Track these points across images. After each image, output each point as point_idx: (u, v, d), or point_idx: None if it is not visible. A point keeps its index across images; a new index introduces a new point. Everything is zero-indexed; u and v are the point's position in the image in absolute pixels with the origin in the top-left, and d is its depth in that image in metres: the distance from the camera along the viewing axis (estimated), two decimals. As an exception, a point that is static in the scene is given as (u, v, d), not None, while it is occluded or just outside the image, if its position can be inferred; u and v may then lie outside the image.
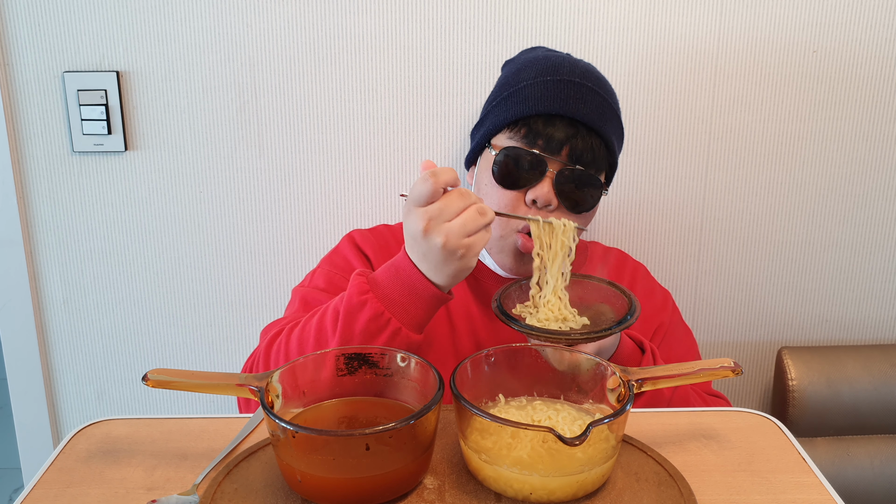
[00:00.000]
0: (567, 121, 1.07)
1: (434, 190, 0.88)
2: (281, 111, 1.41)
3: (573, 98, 1.07)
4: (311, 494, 0.76)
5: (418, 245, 0.91)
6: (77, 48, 1.37)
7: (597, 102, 1.09)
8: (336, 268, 1.17)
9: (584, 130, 1.07)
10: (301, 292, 1.16)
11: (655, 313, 1.22)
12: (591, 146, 1.07)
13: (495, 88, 1.17)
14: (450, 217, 0.89)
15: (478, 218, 0.90)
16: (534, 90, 1.09)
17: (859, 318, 1.56)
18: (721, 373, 0.84)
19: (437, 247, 0.89)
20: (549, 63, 1.11)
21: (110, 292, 1.50)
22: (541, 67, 1.11)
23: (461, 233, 0.89)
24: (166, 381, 0.80)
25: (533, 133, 1.07)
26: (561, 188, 1.07)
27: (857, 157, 1.46)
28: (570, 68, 1.11)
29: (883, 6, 1.38)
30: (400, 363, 0.86)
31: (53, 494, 0.80)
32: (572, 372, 0.89)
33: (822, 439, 1.47)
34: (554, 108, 1.07)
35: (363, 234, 1.23)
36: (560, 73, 1.09)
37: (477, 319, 1.18)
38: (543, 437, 0.75)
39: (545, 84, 1.08)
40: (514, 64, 1.18)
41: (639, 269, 1.28)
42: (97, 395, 1.55)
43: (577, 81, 1.09)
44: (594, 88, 1.09)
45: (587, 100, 1.08)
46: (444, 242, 0.89)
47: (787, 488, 0.81)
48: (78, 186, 1.44)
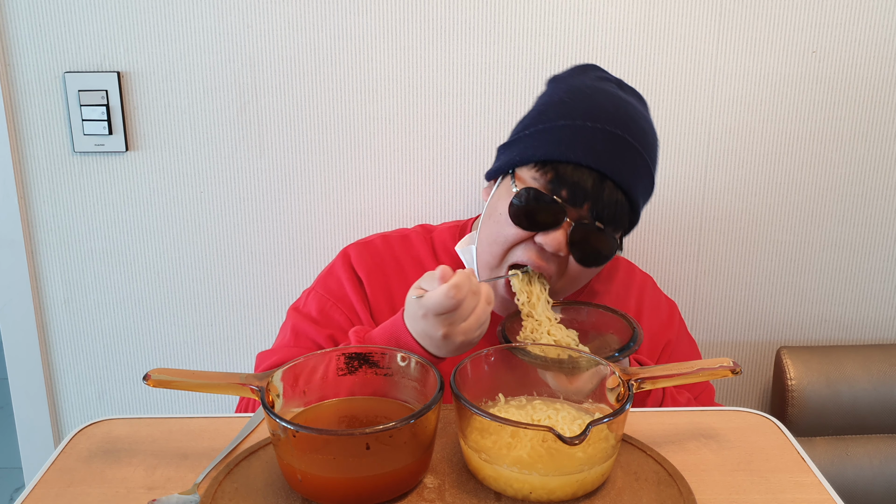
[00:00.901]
0: (597, 174, 1.00)
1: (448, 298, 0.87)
2: (281, 111, 1.41)
3: (609, 152, 1.01)
4: (312, 494, 0.76)
5: (433, 341, 0.92)
6: (78, 48, 1.37)
7: (633, 160, 1.02)
8: (329, 293, 1.16)
9: (612, 187, 1.01)
10: (293, 320, 1.16)
11: (663, 330, 1.21)
12: (616, 203, 1.01)
13: (534, 111, 1.09)
14: (468, 323, 0.90)
15: (487, 309, 0.92)
16: (570, 134, 1.01)
17: (858, 318, 1.56)
18: (720, 372, 0.84)
19: (454, 344, 0.91)
20: (594, 103, 1.03)
21: (111, 292, 1.50)
22: (584, 107, 1.03)
23: (473, 330, 0.90)
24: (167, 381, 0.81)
25: (559, 180, 1.01)
26: (574, 241, 1.02)
27: (857, 157, 1.46)
28: (614, 114, 1.02)
29: (883, 6, 1.38)
30: (400, 363, 0.87)
31: (54, 494, 0.80)
32: (575, 396, 0.89)
33: (821, 439, 1.47)
34: (586, 160, 1.00)
35: (358, 250, 1.20)
36: (602, 120, 1.01)
37: None
38: (543, 436, 0.75)
39: (583, 131, 1.01)
40: (559, 89, 1.09)
41: (647, 281, 1.26)
42: (98, 395, 1.55)
43: (618, 134, 1.01)
44: (633, 144, 1.02)
45: (624, 157, 1.01)
46: (464, 341, 0.91)
47: (787, 488, 0.81)
48: (79, 186, 1.44)
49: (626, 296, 1.22)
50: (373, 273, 1.16)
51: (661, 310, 1.24)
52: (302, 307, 1.17)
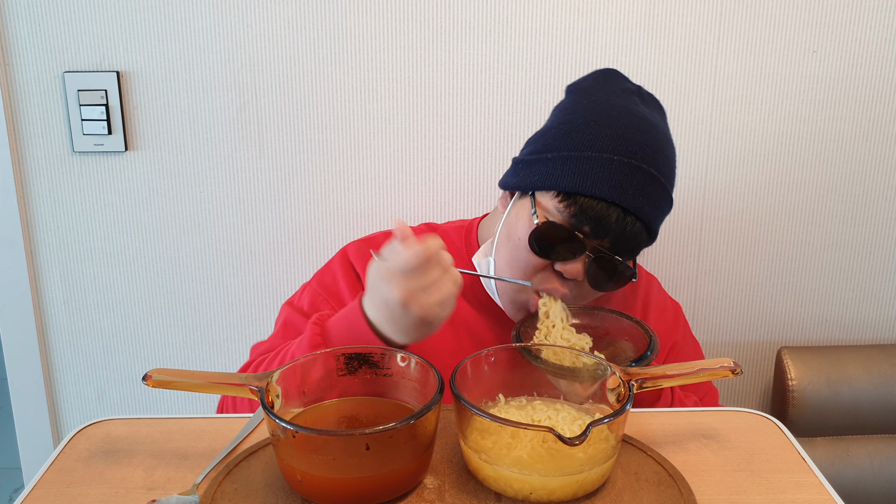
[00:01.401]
0: (621, 209, 1.00)
1: (421, 263, 0.87)
2: (281, 111, 1.41)
3: (635, 188, 1.00)
4: (312, 494, 0.76)
5: (391, 311, 0.90)
6: (77, 48, 1.37)
7: (658, 194, 1.02)
8: (323, 288, 1.16)
9: (634, 221, 1.01)
10: (286, 313, 1.16)
11: (669, 332, 1.21)
12: (637, 236, 1.02)
13: (557, 131, 1.06)
14: (429, 291, 0.88)
15: (452, 288, 0.90)
16: (595, 167, 1.00)
17: (859, 318, 1.56)
18: (721, 373, 0.84)
19: (413, 317, 0.89)
20: (620, 132, 1.01)
21: (110, 292, 1.50)
22: (611, 136, 1.01)
23: (435, 302, 0.88)
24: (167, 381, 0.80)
25: (583, 214, 1.00)
26: (591, 270, 1.03)
27: (857, 157, 1.46)
28: (641, 144, 1.01)
29: (883, 6, 1.38)
30: (400, 363, 0.86)
31: (54, 494, 0.80)
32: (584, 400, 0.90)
33: (821, 439, 1.47)
34: (611, 196, 0.99)
35: (358, 246, 1.19)
36: (629, 153, 1.00)
37: (475, 322, 1.17)
38: (543, 436, 0.75)
39: (610, 165, 1.00)
40: (582, 107, 1.06)
41: (652, 282, 1.26)
42: (97, 395, 1.55)
43: (644, 168, 1.00)
44: (659, 178, 1.02)
45: (649, 191, 1.01)
46: (423, 316, 0.88)
47: (787, 488, 0.81)
48: (78, 186, 1.44)
49: (632, 297, 1.22)
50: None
51: (666, 311, 1.24)
52: (296, 301, 1.18)
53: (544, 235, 1.02)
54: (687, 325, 1.26)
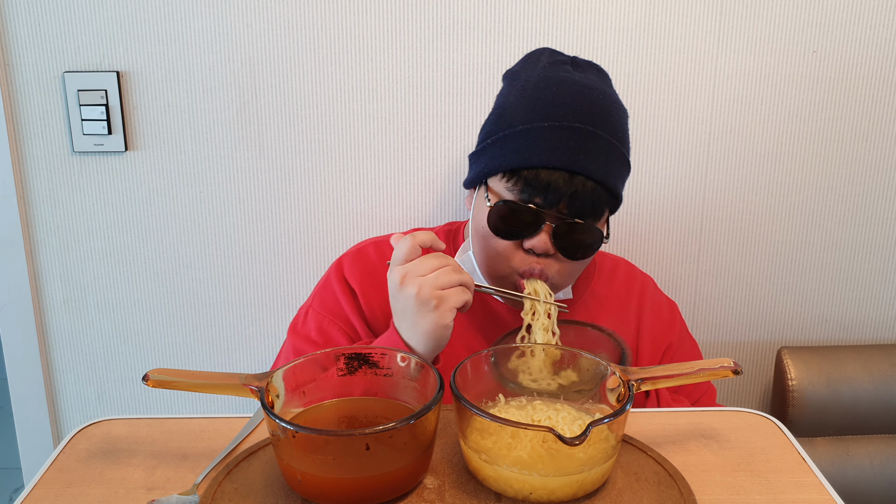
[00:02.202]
0: (567, 172, 0.99)
1: (411, 247, 0.95)
2: (281, 111, 1.41)
3: (574, 148, 0.99)
4: (312, 494, 0.76)
5: (396, 300, 0.97)
6: (77, 48, 1.37)
7: (601, 148, 1.01)
8: (326, 310, 1.17)
9: (585, 180, 1.00)
10: (293, 341, 1.16)
11: (664, 333, 1.21)
12: (592, 196, 1.01)
13: (493, 115, 1.08)
14: (425, 272, 0.94)
15: (451, 274, 0.94)
16: (531, 139, 1.00)
17: (859, 318, 1.56)
18: (721, 373, 0.84)
19: (410, 297, 0.94)
20: (549, 99, 1.01)
21: (110, 292, 1.50)
22: (540, 106, 1.01)
23: (434, 284, 0.93)
24: (167, 381, 0.81)
25: (529, 187, 1.01)
26: (558, 238, 1.02)
27: (857, 157, 1.46)
28: (571, 105, 1.00)
29: (883, 6, 1.38)
30: (400, 363, 0.87)
31: (53, 494, 0.80)
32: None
33: (821, 439, 1.47)
34: (551, 161, 0.99)
35: (350, 261, 1.20)
36: (560, 116, 1.00)
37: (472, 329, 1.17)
38: (543, 436, 0.75)
39: (543, 132, 1.00)
40: (513, 87, 1.08)
41: (647, 282, 1.26)
42: (97, 395, 1.55)
43: (579, 127, 0.99)
44: (597, 133, 1.00)
45: (590, 148, 1.00)
46: (418, 292, 0.93)
47: (787, 488, 0.81)
48: (78, 186, 1.44)
49: (627, 298, 1.22)
50: (366, 283, 1.16)
51: (662, 311, 1.23)
52: (300, 327, 1.17)
53: (500, 216, 1.04)
54: (684, 324, 1.26)
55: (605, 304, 1.20)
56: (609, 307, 1.20)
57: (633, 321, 1.20)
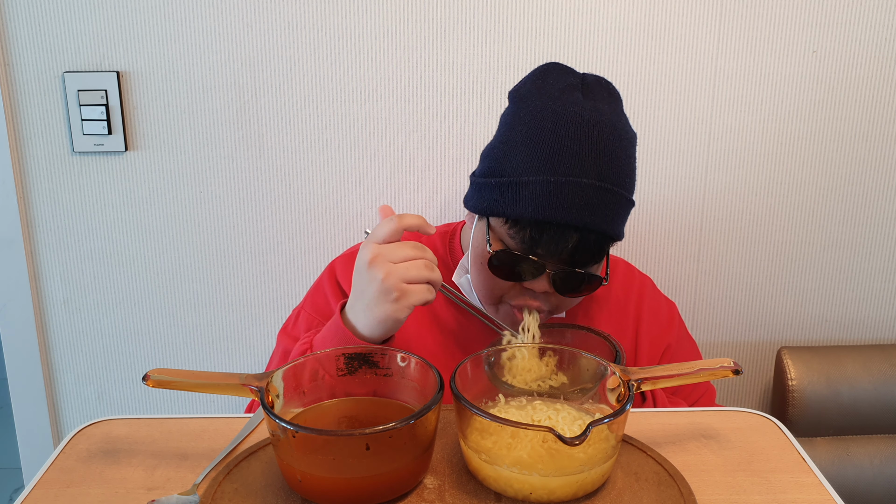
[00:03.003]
0: (570, 227, 0.97)
1: (394, 229, 0.93)
2: (281, 111, 1.41)
3: (580, 205, 0.96)
4: (312, 494, 0.76)
5: (360, 277, 0.94)
6: (77, 48, 1.37)
7: (608, 203, 0.98)
8: (318, 313, 1.16)
9: (587, 234, 0.98)
10: (283, 344, 1.15)
11: (663, 333, 1.21)
12: (595, 248, 1.00)
13: (498, 147, 1.04)
14: (397, 259, 0.92)
15: (422, 269, 0.92)
16: (536, 192, 0.97)
17: (859, 318, 1.56)
18: (721, 373, 0.84)
19: (376, 280, 0.92)
20: (556, 147, 0.97)
21: (110, 292, 1.50)
22: (546, 154, 0.97)
23: (402, 276, 0.91)
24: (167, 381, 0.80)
25: (532, 240, 0.99)
26: (558, 284, 1.01)
27: (857, 157, 1.46)
28: (578, 155, 0.96)
29: (883, 6, 1.38)
30: (400, 363, 0.87)
31: (53, 494, 0.80)
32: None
33: (821, 439, 1.47)
34: (557, 217, 0.96)
35: (343, 264, 1.19)
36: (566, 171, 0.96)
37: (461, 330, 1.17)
38: (543, 436, 0.75)
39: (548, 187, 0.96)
40: (519, 116, 1.02)
41: (645, 283, 1.26)
42: (97, 395, 1.55)
43: (586, 183, 0.96)
44: (606, 187, 0.97)
45: (596, 204, 0.97)
46: (384, 278, 0.91)
47: (787, 488, 0.81)
48: (78, 186, 1.44)
49: (625, 299, 1.21)
50: None
51: (660, 312, 1.23)
52: (291, 329, 1.17)
53: (502, 263, 1.02)
54: (683, 325, 1.26)
55: (603, 306, 1.20)
56: (607, 309, 1.20)
57: (631, 322, 1.20)
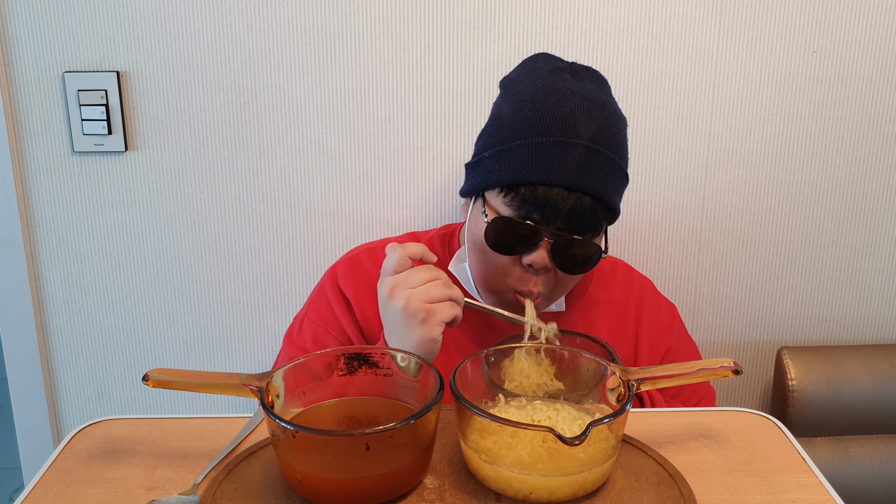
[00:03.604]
0: (564, 188, 0.98)
1: (401, 258, 0.95)
2: (281, 111, 1.41)
3: (572, 166, 0.97)
4: (312, 494, 0.76)
5: (385, 311, 0.96)
6: (77, 48, 1.37)
7: (600, 165, 0.99)
8: (321, 319, 1.16)
9: (582, 197, 0.98)
10: (290, 352, 1.15)
11: (663, 336, 1.21)
12: (589, 212, 0.99)
13: (490, 127, 1.06)
14: (415, 284, 0.93)
15: (442, 288, 0.94)
16: (528, 154, 0.98)
17: (859, 318, 1.56)
18: (721, 373, 0.84)
19: (398, 309, 0.93)
20: (547, 112, 0.99)
21: (110, 292, 1.50)
22: (537, 119, 0.99)
23: (423, 297, 0.93)
24: (167, 381, 0.81)
25: (528, 204, 0.99)
26: (556, 254, 1.01)
27: (857, 157, 1.46)
28: (569, 119, 0.98)
29: (883, 6, 1.38)
30: (400, 363, 0.87)
31: (53, 494, 0.80)
32: None
33: (821, 439, 1.47)
34: (550, 178, 0.97)
35: (344, 269, 1.19)
36: (558, 132, 0.97)
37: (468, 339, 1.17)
38: (543, 436, 0.75)
39: (541, 148, 0.97)
40: (510, 97, 1.05)
41: (646, 284, 1.25)
42: (97, 395, 1.55)
43: (577, 143, 0.97)
44: (597, 149, 0.98)
45: (588, 165, 0.98)
46: (405, 305, 0.93)
47: (787, 488, 0.81)
48: (78, 186, 1.44)
49: (625, 301, 1.21)
50: (360, 291, 1.16)
51: (661, 314, 1.23)
52: (296, 337, 1.17)
53: (497, 232, 1.02)
54: (683, 327, 1.26)
55: (602, 309, 1.19)
56: (607, 312, 1.20)
57: (631, 325, 1.20)
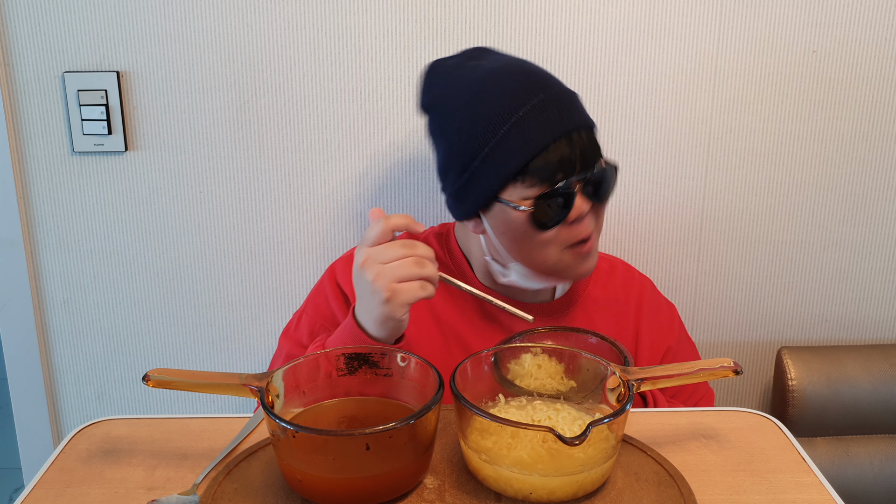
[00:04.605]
0: (565, 137, 1.01)
1: (382, 230, 0.94)
2: (281, 111, 1.41)
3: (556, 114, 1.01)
4: (312, 494, 0.76)
5: (356, 281, 0.97)
6: (77, 48, 1.37)
7: (573, 100, 1.04)
8: (320, 316, 1.17)
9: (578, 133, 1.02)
10: (287, 347, 1.16)
11: (663, 336, 1.21)
12: (591, 141, 1.03)
13: (456, 141, 1.04)
14: (386, 260, 0.93)
15: (411, 267, 0.93)
16: (522, 130, 1.00)
17: (859, 318, 1.56)
18: (721, 373, 0.84)
19: (366, 282, 0.94)
20: (508, 89, 1.02)
21: (110, 292, 1.50)
22: (506, 99, 1.01)
23: (391, 276, 0.92)
24: (167, 381, 0.81)
25: (546, 171, 1.00)
26: (591, 196, 1.03)
27: (857, 157, 1.46)
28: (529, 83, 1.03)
29: (883, 6, 1.38)
30: (400, 363, 0.87)
31: (53, 494, 0.80)
32: None
33: (821, 439, 1.47)
34: (549, 137, 1.00)
35: (343, 267, 1.19)
36: (532, 94, 1.01)
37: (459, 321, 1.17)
38: (543, 436, 0.75)
39: (527, 118, 1.00)
40: (458, 106, 1.05)
41: (645, 284, 1.25)
42: (97, 395, 1.55)
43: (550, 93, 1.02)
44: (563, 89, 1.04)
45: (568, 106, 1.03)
46: (373, 280, 0.93)
47: (787, 488, 0.81)
48: (78, 186, 1.44)
49: (625, 299, 1.21)
50: None
51: (661, 313, 1.23)
52: (293, 332, 1.17)
53: (543, 212, 1.02)
54: (683, 326, 1.26)
55: (602, 307, 1.19)
56: (607, 310, 1.20)
57: (631, 324, 1.20)
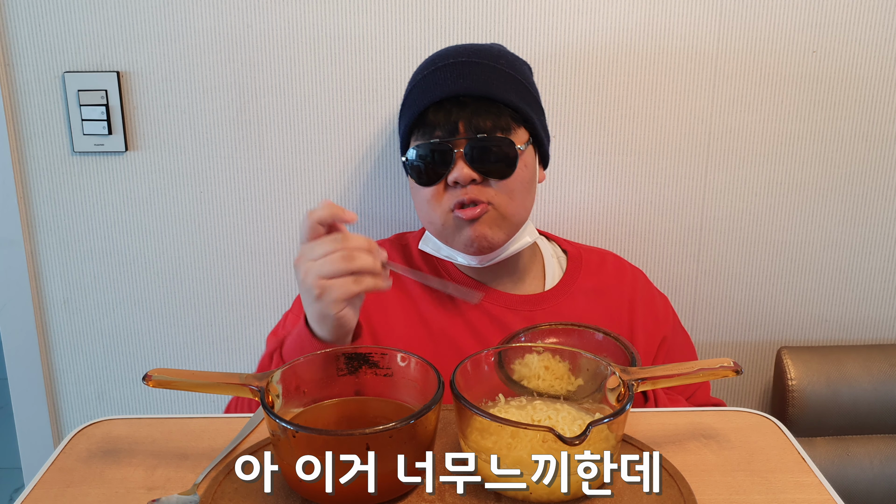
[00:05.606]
0: (454, 101, 1.07)
1: (309, 226, 0.93)
2: (281, 111, 1.41)
3: (451, 78, 1.07)
4: (311, 494, 0.76)
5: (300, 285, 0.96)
6: (77, 48, 1.37)
7: (479, 72, 1.08)
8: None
9: (474, 102, 1.06)
10: (272, 346, 1.15)
11: (658, 327, 1.21)
12: (484, 111, 1.06)
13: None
14: (315, 257, 0.92)
15: (338, 262, 0.91)
16: (415, 93, 1.11)
17: (859, 318, 1.56)
18: (721, 373, 0.84)
19: (299, 281, 0.94)
20: (428, 60, 1.14)
21: (110, 292, 1.50)
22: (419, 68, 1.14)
23: (318, 273, 0.91)
24: (167, 381, 0.81)
25: (427, 127, 1.08)
26: (475, 162, 1.06)
27: (857, 157, 1.46)
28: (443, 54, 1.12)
29: (883, 6, 1.38)
30: (400, 363, 0.87)
31: (54, 494, 0.80)
32: None
33: (821, 439, 1.47)
34: (436, 95, 1.07)
35: None
36: (436, 62, 1.11)
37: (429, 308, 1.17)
38: (543, 436, 0.75)
39: (421, 83, 1.10)
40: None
41: (637, 275, 1.26)
42: (97, 395, 1.55)
43: (453, 62, 1.09)
44: (475, 61, 1.09)
45: (467, 74, 1.08)
46: (303, 278, 0.93)
47: (787, 488, 0.81)
48: (78, 186, 1.44)
49: (618, 289, 1.22)
50: None
51: (655, 304, 1.24)
52: (280, 330, 1.17)
53: (414, 165, 1.10)
54: (676, 317, 1.27)
55: (593, 296, 1.19)
56: (599, 298, 1.20)
57: (625, 314, 1.20)
